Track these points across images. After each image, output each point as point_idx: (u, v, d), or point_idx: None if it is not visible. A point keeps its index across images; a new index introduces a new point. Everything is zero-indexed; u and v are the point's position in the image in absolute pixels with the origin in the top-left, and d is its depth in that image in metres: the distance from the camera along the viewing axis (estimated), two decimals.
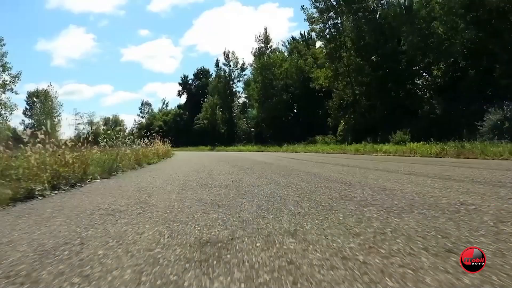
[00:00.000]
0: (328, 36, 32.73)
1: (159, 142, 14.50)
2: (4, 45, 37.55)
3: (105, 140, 8.92)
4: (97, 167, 5.56)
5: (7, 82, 37.50)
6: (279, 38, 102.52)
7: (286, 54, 48.40)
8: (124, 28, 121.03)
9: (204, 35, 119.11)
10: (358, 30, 29.85)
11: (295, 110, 44.62)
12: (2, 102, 37.39)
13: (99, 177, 5.19)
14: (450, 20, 21.79)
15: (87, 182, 4.65)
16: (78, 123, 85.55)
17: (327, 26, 32.50)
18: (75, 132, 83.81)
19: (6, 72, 37.53)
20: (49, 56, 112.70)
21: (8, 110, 37.43)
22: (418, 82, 27.17)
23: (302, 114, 42.29)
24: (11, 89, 37.67)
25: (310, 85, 35.82)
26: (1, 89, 37.21)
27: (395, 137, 19.10)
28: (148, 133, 15.16)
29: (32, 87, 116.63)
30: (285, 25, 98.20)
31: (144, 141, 12.04)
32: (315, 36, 33.58)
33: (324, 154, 15.90)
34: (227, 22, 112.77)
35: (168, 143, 18.93)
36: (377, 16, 30.61)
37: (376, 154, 13.90)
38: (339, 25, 32.13)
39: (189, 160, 11.84)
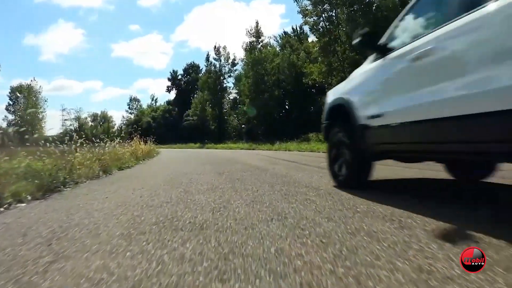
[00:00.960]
0: (322, 29, 31.40)
1: (139, 141, 13.01)
2: None
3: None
4: (29, 181, 4.06)
5: None
6: (271, 34, 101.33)
7: (278, 49, 46.95)
8: (114, 23, 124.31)
9: (195, 30, 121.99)
10: (353, 23, 28.54)
11: (287, 107, 43.31)
12: None
13: (29, 197, 3.70)
14: None
15: None
16: (65, 119, 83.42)
17: (321, 19, 31.16)
18: (61, 128, 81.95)
19: None
20: (38, 51, 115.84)
21: None
22: None
23: (295, 111, 41.02)
24: None
25: (303, 80, 34.51)
26: None
27: None
28: (131, 131, 13.72)
29: (19, 83, 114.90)
30: (277, 21, 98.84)
31: (118, 140, 10.51)
32: (308, 29, 32.03)
33: (321, 154, 14.54)
34: (218, 18, 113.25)
35: (152, 141, 17.55)
36: (373, 8, 29.38)
37: None
38: (334, 18, 30.80)
39: (170, 163, 10.38)
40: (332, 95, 4.17)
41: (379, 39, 3.39)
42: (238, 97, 52.67)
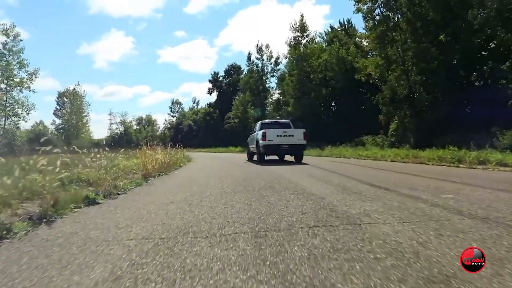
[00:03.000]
0: (378, 17, 27.45)
1: (159, 149, 10.30)
2: (21, 41, 35.29)
3: None
4: None
5: (24, 80, 35.10)
6: (316, 30, 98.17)
7: (324, 45, 43.14)
8: (161, 31, 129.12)
9: (239, 34, 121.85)
10: (416, 8, 24.38)
11: (335, 106, 39.38)
12: (19, 101, 35.04)
13: None
14: None
15: None
16: (111, 123, 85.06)
17: (377, 4, 27.17)
18: (108, 132, 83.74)
19: (23, 70, 35.18)
20: (91, 59, 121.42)
21: (25, 109, 34.98)
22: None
23: (344, 111, 37.01)
24: (28, 88, 35.19)
25: (355, 77, 30.60)
26: (18, 87, 34.85)
27: (504, 139, 13.90)
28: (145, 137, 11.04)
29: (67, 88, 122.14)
30: (320, 22, 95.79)
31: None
32: (362, 17, 28.12)
33: (401, 165, 11.01)
34: (262, 21, 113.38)
35: (179, 148, 15.00)
36: None
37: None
38: (392, 2, 26.69)
39: (196, 178, 7.50)
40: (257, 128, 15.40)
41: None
42: (281, 97, 49.43)
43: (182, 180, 7.39)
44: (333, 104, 39.77)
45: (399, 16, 26.33)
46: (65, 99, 64.40)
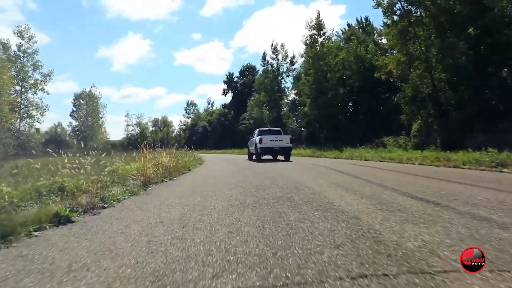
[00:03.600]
0: (399, 11, 26.03)
1: (163, 152, 9.37)
2: (35, 42, 35.22)
3: None
4: None
5: (39, 82, 34.97)
6: (333, 27, 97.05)
7: (342, 44, 41.74)
8: (178, 33, 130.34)
9: (254, 36, 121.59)
10: (440, 0, 22.89)
11: (353, 107, 37.94)
12: (34, 103, 34.93)
13: None
14: None
15: None
16: (128, 124, 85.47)
17: None
18: (124, 133, 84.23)
19: (38, 71, 35.05)
20: (109, 62, 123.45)
21: (40, 111, 34.84)
22: None
23: (362, 111, 35.58)
24: (43, 89, 35.05)
25: (375, 75, 29.21)
26: (33, 89, 34.72)
27: None
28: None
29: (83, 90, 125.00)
30: (336, 22, 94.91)
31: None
32: (382, 12, 26.74)
33: (434, 170, 9.80)
34: (277, 22, 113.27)
35: (188, 150, 14.15)
36: None
37: None
38: None
39: (202, 185, 6.51)
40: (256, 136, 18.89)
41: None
42: (297, 98, 48.22)
43: (185, 188, 6.41)
44: (350, 104, 38.29)
45: (422, 10, 24.85)
46: (81, 101, 64.75)
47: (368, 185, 6.08)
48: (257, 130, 19.79)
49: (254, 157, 18.95)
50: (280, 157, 19.00)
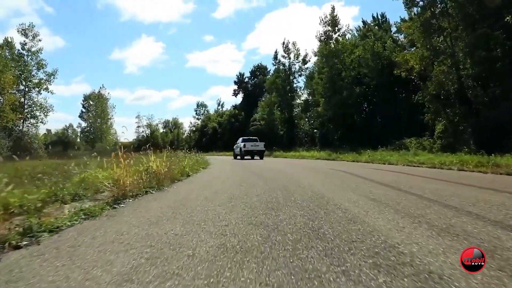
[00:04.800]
0: (422, 2, 24.00)
1: (152, 155, 7.68)
2: (40, 40, 34.09)
3: None
4: None
5: (43, 81, 33.82)
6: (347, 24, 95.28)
7: (357, 41, 39.69)
8: (190, 35, 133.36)
9: (266, 37, 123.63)
10: None
11: (370, 106, 35.84)
12: (38, 103, 33.79)
13: None
14: None
15: None
16: (138, 126, 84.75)
17: None
18: (135, 134, 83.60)
19: (42, 70, 33.91)
20: (122, 64, 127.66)
21: (44, 111, 33.68)
22: None
23: (380, 111, 33.45)
24: (47, 89, 33.87)
25: (394, 72, 27.23)
26: (37, 89, 33.59)
27: None
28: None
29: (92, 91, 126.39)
30: (350, 24, 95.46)
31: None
32: (403, 3, 24.76)
33: (489, 178, 7.93)
34: (290, 23, 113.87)
35: (191, 151, 12.55)
36: None
37: None
38: None
39: (194, 200, 4.79)
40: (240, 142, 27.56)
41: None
42: (310, 98, 46.32)
43: (168, 205, 4.69)
44: (366, 104, 36.19)
45: (447, 0, 22.77)
46: (91, 102, 63.95)
47: (425, 204, 4.28)
48: (240, 139, 28.12)
49: (238, 157, 27.06)
50: (294, 162, 18.62)
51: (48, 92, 34.21)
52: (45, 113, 33.77)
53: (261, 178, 8.59)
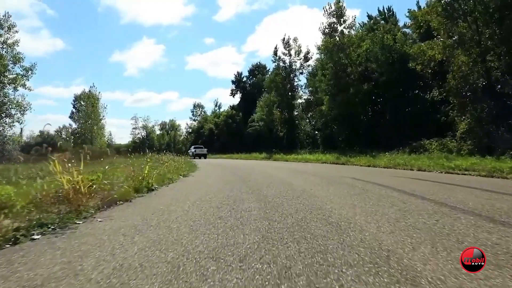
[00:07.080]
0: None
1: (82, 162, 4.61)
2: (17, 32, 30.99)
3: None
4: None
5: (19, 76, 30.76)
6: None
7: (364, 33, 36.60)
8: (191, 38, 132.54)
9: (266, 40, 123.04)
10: None
11: (379, 104, 32.74)
12: (14, 101, 30.70)
13: None
14: None
15: None
16: (134, 128, 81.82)
17: None
18: (130, 136, 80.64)
19: (18, 64, 30.85)
20: (122, 67, 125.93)
21: (20, 109, 30.57)
22: None
23: (391, 109, 30.27)
24: (24, 85, 30.80)
25: (409, 65, 24.25)
26: (13, 85, 30.52)
27: None
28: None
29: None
30: (355, 15, 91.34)
31: None
32: None
33: None
34: (290, 25, 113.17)
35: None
36: None
37: None
38: None
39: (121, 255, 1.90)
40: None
41: None
42: (311, 97, 43.28)
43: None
44: (377, 101, 33.02)
45: None
46: (82, 102, 60.86)
47: None
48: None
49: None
50: (298, 168, 15.72)
51: (25, 88, 31.13)
52: (21, 112, 30.65)
53: (259, 199, 5.51)
